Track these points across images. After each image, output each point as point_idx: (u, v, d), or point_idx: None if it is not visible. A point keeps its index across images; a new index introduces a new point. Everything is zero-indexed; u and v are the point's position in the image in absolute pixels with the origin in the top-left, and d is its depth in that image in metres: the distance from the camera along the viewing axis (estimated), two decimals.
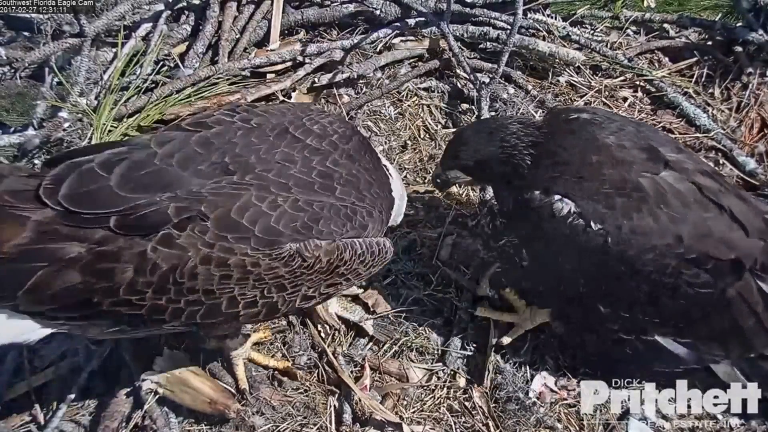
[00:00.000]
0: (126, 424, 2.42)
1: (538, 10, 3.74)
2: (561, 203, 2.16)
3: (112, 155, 2.02)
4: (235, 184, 2.00)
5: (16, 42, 3.58)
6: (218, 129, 2.15)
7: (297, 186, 2.07)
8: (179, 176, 1.98)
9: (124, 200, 1.90)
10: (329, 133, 2.28)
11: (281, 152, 2.13)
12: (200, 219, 1.91)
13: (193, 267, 1.91)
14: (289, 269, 2.01)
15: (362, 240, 2.15)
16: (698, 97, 3.57)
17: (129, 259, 1.88)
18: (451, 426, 2.50)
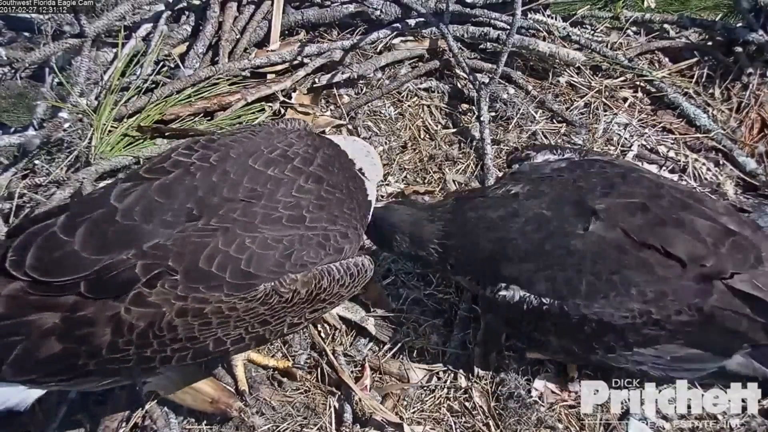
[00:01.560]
0: (126, 424, 2.42)
1: (538, 10, 3.73)
2: (510, 291, 2.22)
3: (72, 217, 1.97)
4: (201, 230, 1.94)
5: (16, 42, 3.58)
6: (177, 173, 2.06)
7: (264, 223, 2.00)
8: (143, 230, 1.92)
9: (90, 263, 1.87)
10: (290, 157, 2.17)
11: (244, 188, 2.05)
12: (169, 273, 1.87)
13: (170, 321, 1.89)
14: (267, 306, 1.98)
15: (339, 264, 2.10)
16: (698, 97, 3.57)
17: (104, 322, 1.86)
18: (452, 426, 2.50)
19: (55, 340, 1.87)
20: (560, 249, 2.18)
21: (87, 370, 1.93)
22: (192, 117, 3.32)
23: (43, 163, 3.05)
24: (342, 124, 3.33)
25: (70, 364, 1.90)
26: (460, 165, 3.24)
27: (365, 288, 2.76)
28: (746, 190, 3.17)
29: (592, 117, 3.42)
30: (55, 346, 1.87)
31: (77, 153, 3.03)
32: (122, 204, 1.98)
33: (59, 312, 1.86)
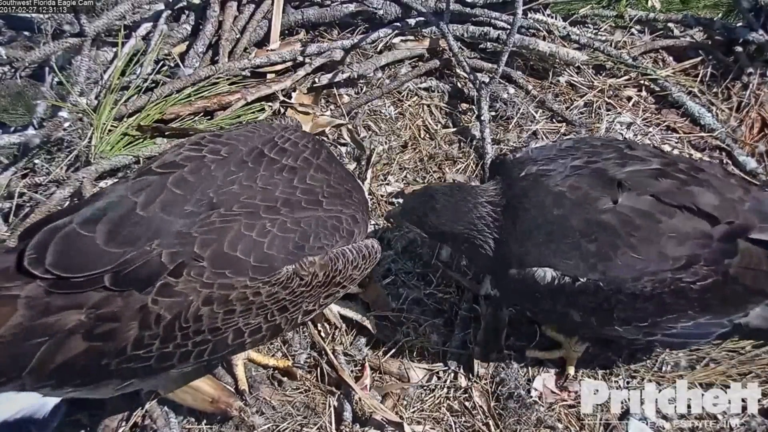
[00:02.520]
0: (126, 424, 2.42)
1: (538, 10, 3.73)
2: (541, 272, 2.17)
3: (90, 213, 1.96)
4: (223, 216, 1.97)
5: (16, 41, 3.58)
6: (192, 166, 2.10)
7: (284, 206, 2.07)
8: (165, 221, 1.93)
9: (114, 256, 1.85)
10: (301, 149, 2.27)
11: (262, 176, 2.12)
12: (195, 261, 1.88)
13: (196, 310, 1.89)
14: (288, 291, 2.01)
15: (352, 246, 2.16)
16: (702, 96, 3.56)
17: (131, 316, 1.85)
18: (452, 426, 2.50)
19: (80, 339, 1.84)
20: (589, 224, 2.14)
21: (108, 371, 1.91)
22: (192, 116, 3.32)
23: (43, 163, 3.05)
24: (342, 123, 3.33)
25: (94, 363, 1.88)
26: (460, 164, 3.24)
27: (365, 287, 2.78)
28: None
29: (594, 116, 3.41)
30: (79, 345, 1.84)
31: (77, 152, 3.03)
32: (141, 198, 1.99)
33: (84, 309, 1.84)
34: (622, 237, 2.10)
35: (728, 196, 2.20)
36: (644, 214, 2.12)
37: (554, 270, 2.15)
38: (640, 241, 2.10)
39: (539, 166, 2.32)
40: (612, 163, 2.24)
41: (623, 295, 2.12)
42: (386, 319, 2.74)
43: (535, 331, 2.69)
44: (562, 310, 2.23)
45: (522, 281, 2.20)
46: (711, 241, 2.12)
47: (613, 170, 2.21)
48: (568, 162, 2.29)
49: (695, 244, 2.11)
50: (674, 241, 2.11)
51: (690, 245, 2.11)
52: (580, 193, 2.19)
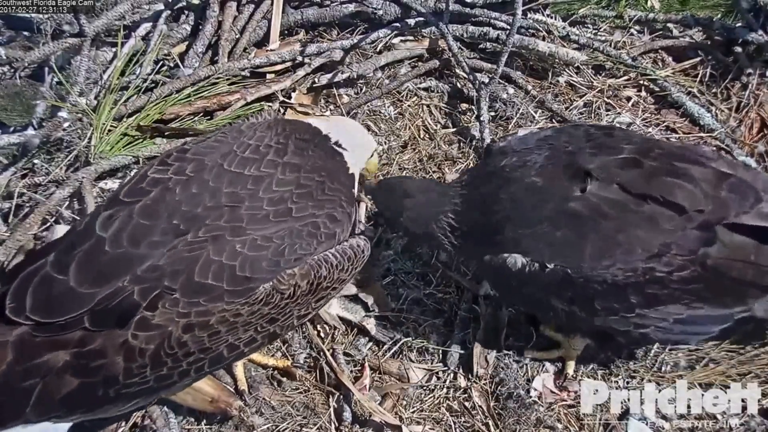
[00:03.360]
0: (125, 424, 2.42)
1: (537, 10, 3.73)
2: (512, 258, 2.20)
3: (62, 254, 1.97)
4: (190, 244, 1.93)
5: (15, 42, 3.57)
6: (157, 192, 2.05)
7: (252, 223, 2.00)
8: (134, 255, 1.91)
9: (89, 297, 1.87)
10: (263, 152, 2.16)
11: (225, 194, 2.04)
12: (167, 293, 1.88)
13: (178, 338, 1.89)
14: (271, 306, 1.99)
15: (335, 249, 2.11)
16: (702, 96, 3.56)
17: (115, 351, 1.87)
18: (451, 426, 2.50)
19: (70, 376, 1.87)
20: (559, 213, 2.16)
21: (108, 398, 1.94)
22: (191, 116, 3.32)
23: (43, 163, 3.05)
24: None
25: (90, 396, 1.92)
26: (460, 164, 3.24)
27: (365, 287, 2.78)
28: None
29: (594, 116, 3.41)
30: (72, 382, 1.88)
31: (77, 152, 3.03)
32: (108, 233, 1.97)
33: (69, 349, 1.87)
34: (589, 225, 2.11)
35: (702, 185, 2.16)
36: (612, 203, 2.12)
37: (524, 257, 2.18)
38: (608, 230, 2.10)
39: (517, 157, 2.34)
40: (585, 152, 2.26)
41: (596, 283, 2.12)
42: (386, 319, 2.74)
43: (533, 331, 2.69)
44: (542, 298, 2.24)
45: (495, 268, 2.24)
46: (681, 230, 2.10)
47: (582, 160, 2.23)
48: (543, 152, 2.31)
49: (664, 233, 2.10)
50: (642, 230, 2.10)
51: (658, 234, 2.10)
52: (552, 182, 2.21)
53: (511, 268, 2.20)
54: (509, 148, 2.42)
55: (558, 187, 2.20)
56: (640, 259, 2.10)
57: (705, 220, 2.12)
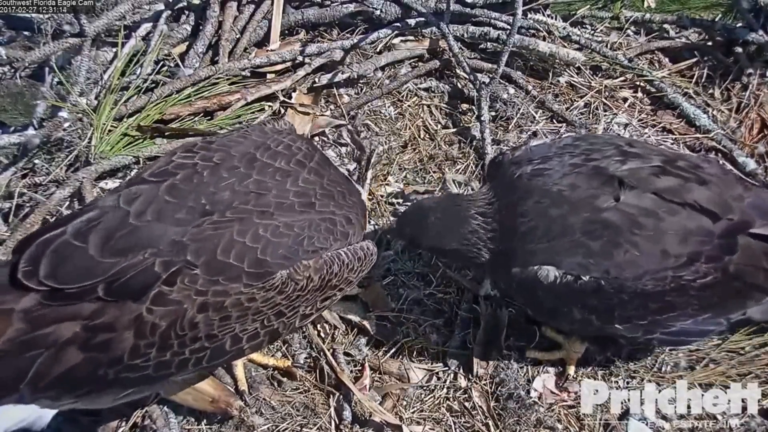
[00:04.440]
0: (125, 424, 2.42)
1: (538, 10, 3.73)
2: (544, 271, 2.16)
3: (83, 223, 1.95)
4: (216, 223, 1.96)
5: (16, 42, 3.57)
6: (184, 173, 2.08)
7: (278, 210, 2.05)
8: (158, 230, 1.93)
9: (107, 266, 1.86)
10: (294, 152, 2.25)
11: (254, 181, 2.09)
12: (188, 268, 1.88)
13: (192, 317, 1.90)
14: (284, 296, 2.01)
15: (347, 249, 2.15)
16: (698, 97, 3.56)
17: (126, 325, 1.86)
18: (451, 426, 2.50)
19: (75, 350, 1.85)
20: (591, 222, 2.13)
21: (107, 381, 1.92)
22: (192, 117, 3.32)
23: (43, 163, 3.05)
24: (342, 124, 3.33)
25: (91, 374, 1.89)
26: (460, 165, 3.24)
27: (365, 287, 2.78)
28: None
29: (592, 117, 3.42)
30: (76, 356, 1.85)
31: (77, 152, 3.03)
32: (133, 207, 1.98)
33: (78, 320, 1.85)
34: (625, 235, 2.10)
35: (728, 193, 2.21)
36: (647, 212, 2.12)
37: (557, 269, 2.15)
38: (643, 239, 2.10)
39: (534, 166, 2.31)
40: (612, 160, 2.24)
41: (625, 293, 2.12)
42: (386, 319, 2.74)
43: (534, 331, 2.69)
44: (564, 309, 2.22)
45: (524, 281, 2.20)
46: (712, 238, 2.12)
47: (613, 167, 2.21)
48: (566, 160, 2.28)
49: (697, 242, 2.11)
50: (676, 238, 2.11)
51: (692, 243, 2.11)
52: (580, 191, 2.18)
53: (542, 280, 2.16)
54: (525, 157, 2.39)
55: (588, 196, 2.17)
56: (671, 267, 2.11)
57: (729, 227, 2.14)
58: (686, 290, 2.13)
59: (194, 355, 1.98)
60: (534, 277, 2.17)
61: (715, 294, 2.18)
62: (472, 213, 2.32)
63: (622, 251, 2.10)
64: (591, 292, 2.13)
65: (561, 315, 2.28)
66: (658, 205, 2.13)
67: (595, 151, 2.29)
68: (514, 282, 2.24)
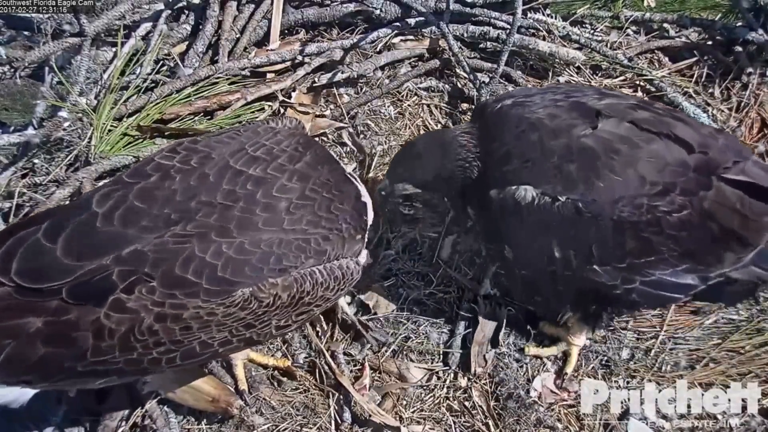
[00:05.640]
0: (125, 423, 2.42)
1: (537, 9, 3.73)
2: (521, 191, 2.18)
3: (55, 223, 1.99)
4: (178, 236, 1.93)
5: (15, 41, 3.57)
6: (156, 178, 2.05)
7: (239, 228, 1.97)
8: (122, 236, 1.93)
9: (72, 269, 1.89)
10: (276, 155, 2.13)
11: (222, 191, 2.01)
12: (146, 280, 1.88)
13: (150, 325, 1.90)
14: (248, 311, 1.97)
15: (322, 267, 2.07)
16: (698, 96, 3.56)
17: (86, 327, 1.88)
18: (451, 426, 2.51)
19: (40, 344, 1.89)
20: (570, 148, 2.16)
21: (77, 372, 1.95)
22: (192, 116, 3.31)
23: (43, 163, 3.05)
24: (343, 126, 3.32)
25: (58, 366, 1.93)
26: None
27: (366, 288, 2.78)
28: None
29: None
30: (40, 350, 1.89)
31: (77, 152, 3.03)
32: (102, 209, 1.98)
33: (43, 316, 1.89)
34: (601, 159, 2.13)
35: (702, 131, 2.25)
36: (624, 139, 2.16)
37: (534, 189, 2.17)
38: (620, 165, 2.13)
39: (516, 100, 2.36)
40: (591, 97, 2.30)
41: (602, 219, 2.13)
42: (386, 319, 2.74)
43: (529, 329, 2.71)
44: (543, 242, 2.23)
45: (502, 202, 2.22)
46: (687, 170, 2.15)
47: (591, 102, 2.26)
48: (547, 96, 2.34)
49: (672, 172, 2.14)
50: (652, 165, 2.14)
51: (668, 172, 2.14)
52: (558, 120, 2.23)
53: (520, 201, 2.17)
54: (506, 95, 2.47)
55: (566, 125, 2.21)
56: (646, 194, 2.12)
57: (705, 164, 2.16)
58: (662, 226, 2.15)
59: (163, 356, 1.98)
60: (512, 198, 2.19)
61: (692, 236, 2.18)
62: (458, 142, 2.38)
63: (599, 174, 2.13)
64: (568, 216, 2.14)
65: (537, 249, 2.27)
66: (635, 134, 2.17)
67: (575, 91, 2.36)
68: (492, 205, 2.25)
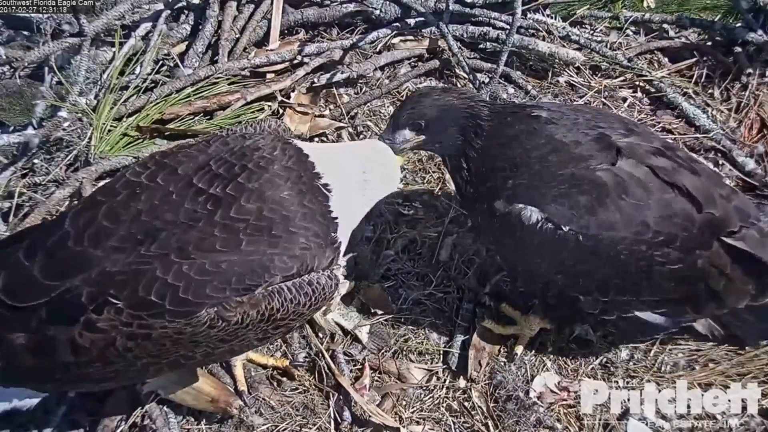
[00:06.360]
0: (125, 423, 2.42)
1: (537, 10, 3.74)
2: (528, 212, 2.18)
3: (35, 240, 2.03)
4: (142, 257, 1.92)
5: (15, 41, 3.58)
6: (123, 196, 2.04)
7: (198, 249, 1.93)
8: (92, 256, 1.93)
9: (48, 289, 1.91)
10: (236, 173, 2.06)
11: (184, 211, 1.98)
12: (113, 302, 1.89)
13: (123, 343, 1.91)
14: (218, 329, 1.95)
15: (291, 283, 2.01)
16: (698, 97, 3.57)
17: (65, 344, 1.91)
18: (451, 426, 2.50)
19: (28, 356, 1.94)
20: (583, 178, 2.17)
21: (70, 379, 2.00)
22: (191, 116, 3.31)
23: (43, 162, 3.05)
24: (342, 126, 3.32)
25: (49, 375, 1.99)
26: None
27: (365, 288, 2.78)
28: (745, 190, 3.17)
29: None
30: (29, 361, 1.94)
31: (77, 152, 3.04)
32: (74, 229, 2.00)
33: (27, 332, 1.93)
34: (611, 196, 2.14)
35: (717, 189, 2.26)
36: (638, 182, 2.16)
37: (541, 212, 2.16)
38: (629, 206, 2.14)
39: (551, 113, 2.34)
40: (616, 131, 2.29)
41: (599, 257, 2.15)
42: (386, 319, 2.74)
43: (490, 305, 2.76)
44: (536, 260, 2.25)
45: (506, 217, 2.21)
46: (692, 226, 2.16)
47: (615, 137, 2.26)
48: (579, 120, 2.32)
49: (677, 224, 2.16)
50: (660, 214, 2.15)
51: (673, 223, 2.15)
52: (581, 148, 2.22)
53: (524, 221, 2.18)
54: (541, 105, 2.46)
55: (587, 154, 2.21)
56: (647, 241, 2.14)
57: (710, 224, 2.18)
58: (653, 274, 2.18)
59: (148, 367, 2.01)
60: (517, 217, 2.19)
61: (678, 290, 2.24)
62: (477, 102, 2.34)
63: (605, 211, 2.13)
64: (567, 245, 2.15)
65: (529, 265, 2.30)
66: (650, 179, 2.17)
67: (603, 120, 2.35)
68: (494, 217, 2.25)
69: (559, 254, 2.19)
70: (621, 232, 2.13)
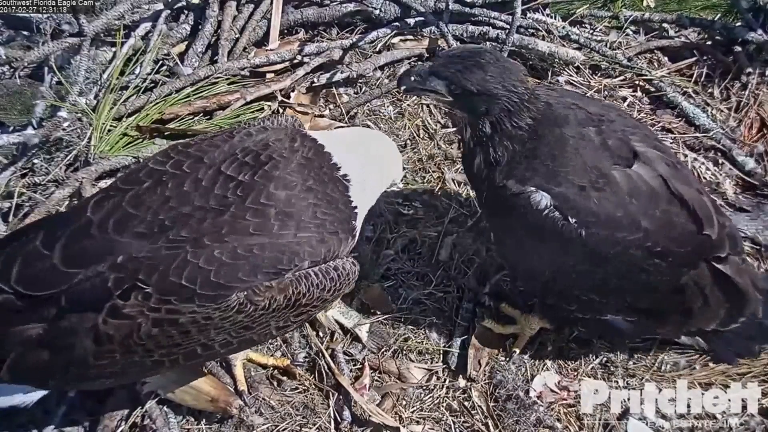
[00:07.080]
0: (125, 423, 2.42)
1: (537, 9, 3.73)
2: (538, 195, 2.17)
3: (52, 231, 2.02)
4: (171, 242, 1.94)
5: (15, 41, 3.57)
6: (150, 183, 2.06)
7: (232, 233, 1.97)
8: (117, 243, 1.94)
9: (68, 276, 1.91)
10: (263, 161, 2.11)
11: (214, 197, 2.02)
12: (141, 286, 1.89)
13: (148, 330, 1.91)
14: (244, 314, 1.97)
15: (318, 269, 2.05)
16: (697, 96, 3.56)
17: (85, 333, 1.91)
18: (451, 425, 2.51)
19: (41, 350, 1.92)
20: (597, 174, 2.17)
21: (79, 374, 1.99)
22: (191, 116, 3.31)
23: (43, 162, 3.05)
24: (342, 126, 3.32)
25: (61, 370, 1.96)
26: (460, 164, 3.23)
27: (365, 288, 2.78)
28: (745, 189, 3.18)
29: None
30: (43, 355, 1.93)
31: (76, 152, 3.03)
32: (97, 216, 2.00)
33: (43, 323, 1.92)
34: (621, 195, 2.15)
35: (718, 215, 2.30)
36: (650, 189, 2.18)
37: (551, 199, 2.16)
38: (636, 208, 2.15)
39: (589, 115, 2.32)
40: (635, 138, 2.30)
41: (596, 257, 2.17)
42: (386, 319, 2.74)
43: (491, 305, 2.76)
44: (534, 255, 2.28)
45: (516, 198, 2.20)
46: (689, 245, 2.20)
47: (635, 142, 2.27)
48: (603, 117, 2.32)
49: (676, 240, 2.18)
50: (662, 225, 2.17)
51: (672, 238, 2.18)
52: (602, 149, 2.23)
53: (533, 205, 2.17)
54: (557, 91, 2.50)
55: (607, 154, 2.22)
56: (643, 249, 2.15)
57: (702, 246, 2.23)
58: (641, 281, 2.22)
59: (165, 358, 2.00)
60: (526, 199, 2.18)
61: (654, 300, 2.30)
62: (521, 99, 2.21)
63: (616, 211, 2.14)
64: (568, 237, 2.15)
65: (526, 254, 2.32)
66: (662, 190, 2.19)
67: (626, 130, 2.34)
68: (505, 196, 2.22)
69: (556, 245, 2.19)
70: (623, 233, 2.14)
